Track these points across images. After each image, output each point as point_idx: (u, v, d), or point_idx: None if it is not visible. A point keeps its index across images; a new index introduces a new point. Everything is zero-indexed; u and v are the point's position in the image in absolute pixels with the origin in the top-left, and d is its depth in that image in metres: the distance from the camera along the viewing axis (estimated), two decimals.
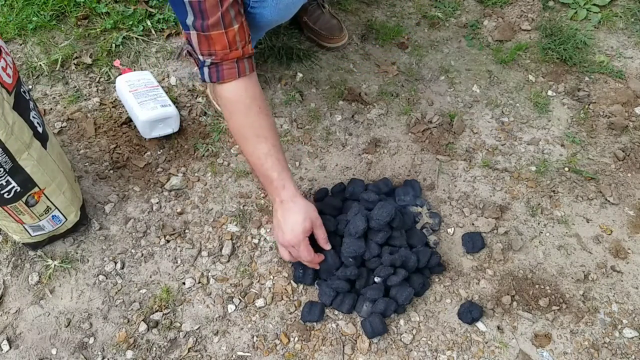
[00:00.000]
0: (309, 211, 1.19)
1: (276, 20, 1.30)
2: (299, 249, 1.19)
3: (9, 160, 1.03)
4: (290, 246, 1.20)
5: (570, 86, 1.75)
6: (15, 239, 1.28)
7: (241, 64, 1.15)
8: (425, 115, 1.65)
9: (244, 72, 1.16)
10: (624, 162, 1.58)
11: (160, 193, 1.44)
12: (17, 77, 1.04)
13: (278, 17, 1.28)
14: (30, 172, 1.08)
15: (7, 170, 1.04)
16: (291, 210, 1.17)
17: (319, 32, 1.74)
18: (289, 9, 1.28)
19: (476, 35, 1.87)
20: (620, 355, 1.25)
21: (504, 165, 1.56)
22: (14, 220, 1.17)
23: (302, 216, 1.17)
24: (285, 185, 1.18)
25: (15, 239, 1.27)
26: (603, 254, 1.41)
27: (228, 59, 1.14)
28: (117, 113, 1.57)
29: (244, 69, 1.16)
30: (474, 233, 1.40)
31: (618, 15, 1.94)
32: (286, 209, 1.18)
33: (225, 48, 1.12)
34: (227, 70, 1.15)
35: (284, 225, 1.18)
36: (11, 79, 1.01)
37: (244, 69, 1.16)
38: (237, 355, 1.22)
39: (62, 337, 1.22)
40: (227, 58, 1.13)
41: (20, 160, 1.05)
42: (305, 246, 1.19)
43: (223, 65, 1.15)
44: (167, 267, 1.33)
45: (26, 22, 1.70)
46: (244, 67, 1.16)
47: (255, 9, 1.23)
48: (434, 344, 1.25)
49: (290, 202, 1.18)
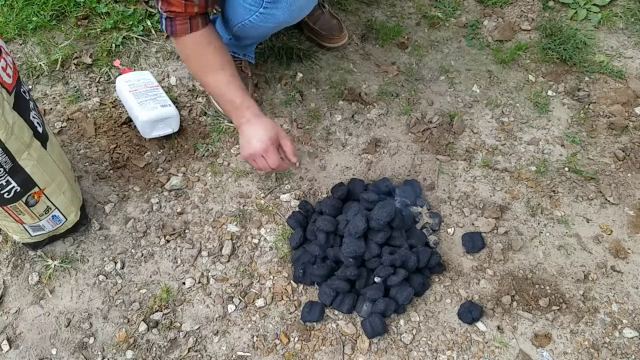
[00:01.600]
0: (275, 125, 1.27)
1: (288, 21, 1.31)
2: (267, 155, 1.24)
3: (9, 160, 1.03)
4: (258, 155, 1.25)
5: (570, 86, 1.75)
6: (15, 239, 1.28)
7: (194, 21, 1.23)
8: (425, 115, 1.65)
9: (196, 28, 1.24)
10: (624, 162, 1.58)
11: (160, 193, 1.44)
12: (17, 77, 1.04)
13: (290, 18, 1.30)
14: (30, 172, 1.08)
15: (7, 170, 1.04)
16: (257, 125, 1.26)
17: (319, 32, 1.74)
18: (302, 10, 1.30)
19: (476, 35, 1.87)
20: (620, 355, 1.25)
21: (504, 165, 1.56)
22: (14, 220, 1.17)
23: (268, 127, 1.25)
24: (249, 106, 1.26)
25: (15, 239, 1.27)
26: (603, 254, 1.41)
27: (182, 16, 1.21)
28: (117, 113, 1.57)
29: (196, 25, 1.23)
30: (474, 233, 1.40)
31: (618, 15, 1.94)
32: (252, 124, 1.26)
33: (181, 7, 1.19)
34: (179, 26, 1.23)
35: (252, 138, 1.25)
36: (11, 79, 1.01)
37: (197, 25, 1.24)
38: (237, 355, 1.22)
39: (62, 337, 1.22)
40: (182, 15, 1.21)
41: (20, 160, 1.05)
42: (272, 152, 1.24)
43: (177, 20, 1.22)
44: (167, 267, 1.33)
45: (26, 22, 1.70)
46: (197, 23, 1.23)
47: (268, 9, 1.24)
48: (434, 344, 1.25)
49: (256, 119, 1.26)
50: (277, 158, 1.25)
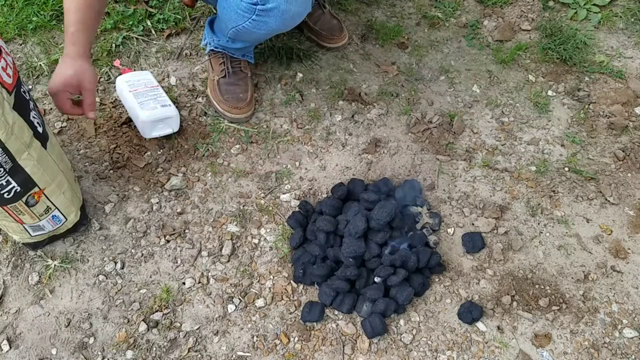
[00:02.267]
0: (85, 73, 1.21)
1: (280, 29, 1.31)
2: (55, 99, 1.22)
3: (9, 160, 1.03)
4: (51, 92, 1.22)
5: (570, 86, 1.75)
6: (15, 239, 1.28)
7: None
8: (425, 115, 1.65)
9: None
10: (624, 162, 1.58)
11: (160, 193, 1.44)
12: (17, 77, 1.04)
13: (283, 26, 1.29)
14: (30, 172, 1.08)
15: (7, 170, 1.04)
16: (67, 64, 1.20)
17: (319, 32, 1.74)
18: (294, 19, 1.29)
19: (476, 35, 1.87)
20: (620, 355, 1.25)
21: (504, 165, 1.56)
22: (14, 220, 1.17)
23: (72, 71, 1.19)
24: (76, 43, 1.19)
25: (15, 239, 1.27)
26: (603, 254, 1.41)
27: None
28: (117, 113, 1.57)
29: None
30: (474, 233, 1.40)
31: (618, 15, 1.94)
32: (64, 62, 1.21)
33: None
34: None
35: (56, 74, 1.21)
36: (11, 79, 1.01)
37: None
38: (237, 355, 1.22)
39: (62, 337, 1.22)
40: None
41: (20, 160, 1.05)
42: (60, 99, 1.22)
43: None
44: (167, 267, 1.33)
45: (26, 22, 1.70)
46: None
47: (260, 17, 1.23)
48: (434, 344, 1.25)
49: (71, 58, 1.20)
50: (61, 104, 1.23)
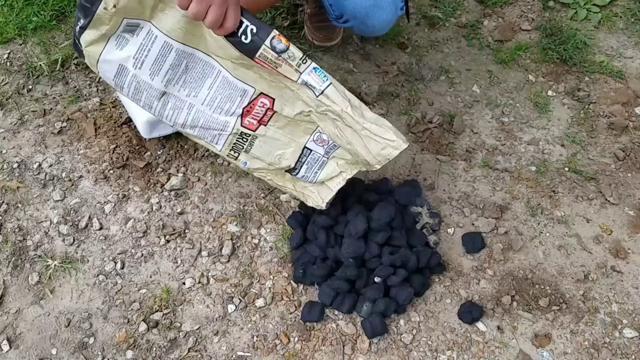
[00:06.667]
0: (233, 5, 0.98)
1: None
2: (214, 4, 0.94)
3: None
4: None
5: (570, 86, 1.75)
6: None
7: None
8: (425, 115, 1.65)
9: None
10: (624, 162, 1.58)
11: (160, 193, 1.44)
12: None
13: None
14: None
15: None
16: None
17: (313, 31, 1.73)
18: None
19: (476, 35, 1.87)
20: (620, 355, 1.25)
21: (504, 165, 1.56)
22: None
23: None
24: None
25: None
26: (603, 254, 1.41)
27: None
28: (117, 113, 1.57)
29: None
30: (474, 233, 1.40)
31: (618, 15, 1.94)
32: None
33: None
34: None
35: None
36: None
37: None
38: (237, 355, 1.22)
39: (62, 337, 1.22)
40: None
41: None
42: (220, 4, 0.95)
43: None
44: (167, 267, 1.33)
45: (26, 22, 1.70)
46: None
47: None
48: (434, 344, 1.25)
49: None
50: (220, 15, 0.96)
